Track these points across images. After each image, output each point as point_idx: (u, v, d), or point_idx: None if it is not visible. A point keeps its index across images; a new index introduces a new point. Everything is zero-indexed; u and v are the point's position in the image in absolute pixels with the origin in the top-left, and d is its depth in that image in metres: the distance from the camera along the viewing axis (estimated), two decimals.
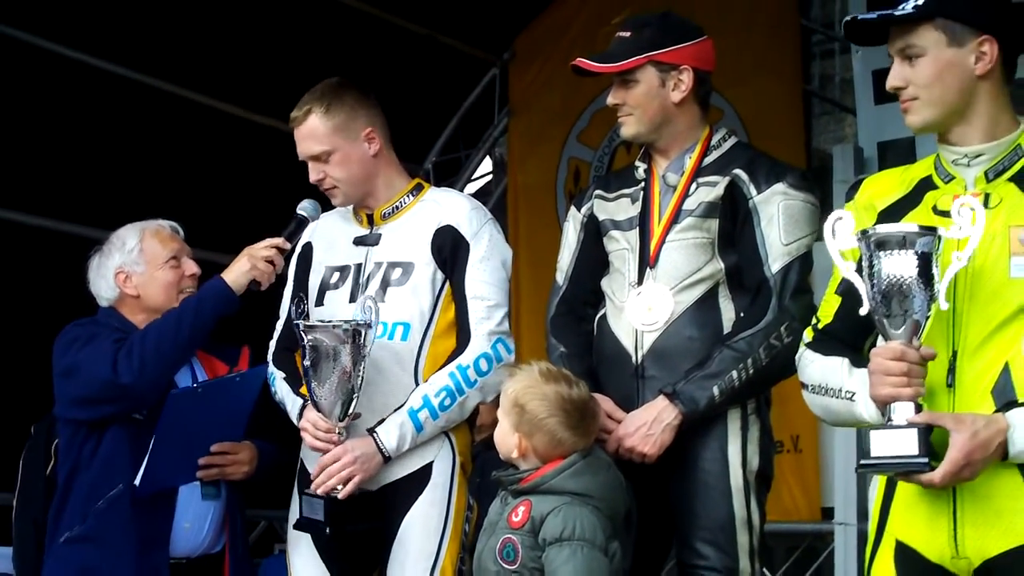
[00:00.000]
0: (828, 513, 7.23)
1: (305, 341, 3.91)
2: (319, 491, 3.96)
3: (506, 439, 3.70)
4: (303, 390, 4.14)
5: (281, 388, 4.22)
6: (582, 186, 8.21)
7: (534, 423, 3.65)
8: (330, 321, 3.95)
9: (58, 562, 4.24)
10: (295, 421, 4.14)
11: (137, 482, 4.11)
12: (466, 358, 4.03)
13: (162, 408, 4.12)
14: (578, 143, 8.52)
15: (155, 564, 4.17)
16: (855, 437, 6.60)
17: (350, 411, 3.93)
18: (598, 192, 4.17)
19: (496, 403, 3.89)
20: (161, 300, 4.37)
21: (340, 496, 3.94)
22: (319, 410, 3.97)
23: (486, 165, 9.49)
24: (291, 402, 4.17)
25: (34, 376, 4.79)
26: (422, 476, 4.06)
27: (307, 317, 4.03)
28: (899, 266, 2.87)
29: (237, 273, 4.18)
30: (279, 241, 4.21)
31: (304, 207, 4.26)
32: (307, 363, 3.92)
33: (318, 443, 3.99)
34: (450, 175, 8.81)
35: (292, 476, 4.21)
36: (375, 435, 3.98)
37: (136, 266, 4.39)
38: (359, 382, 3.91)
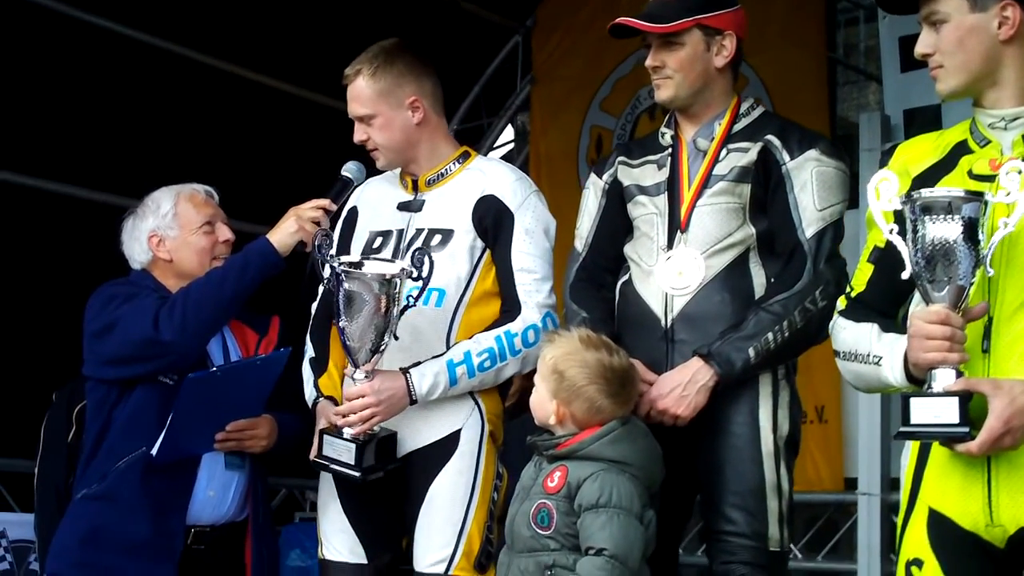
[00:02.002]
0: (851, 484, 7.20)
1: (340, 284, 3.87)
2: (344, 429, 3.93)
3: (543, 405, 3.66)
4: (321, 380, 4.17)
5: (305, 370, 4.24)
6: (604, 154, 8.15)
7: (573, 390, 3.61)
8: (362, 267, 3.89)
9: (72, 518, 4.21)
10: (309, 406, 4.17)
11: (154, 452, 4.08)
12: (516, 326, 4.03)
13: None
14: (600, 111, 8.48)
15: (170, 529, 4.14)
16: (880, 407, 6.60)
17: (379, 353, 3.90)
18: (621, 159, 4.14)
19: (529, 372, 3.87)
20: (194, 265, 4.34)
21: (355, 432, 3.91)
22: (347, 352, 3.94)
23: (508, 133, 9.46)
24: (308, 391, 4.20)
25: (55, 343, 4.79)
26: (450, 443, 4.04)
27: (329, 248, 3.97)
28: (944, 231, 2.84)
29: (283, 234, 4.15)
30: (325, 202, 4.19)
31: (349, 168, 4.25)
32: (340, 304, 3.88)
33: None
34: (472, 143, 8.74)
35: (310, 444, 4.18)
36: (408, 375, 3.97)
37: (170, 230, 4.35)
38: (390, 328, 3.87)
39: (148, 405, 4.15)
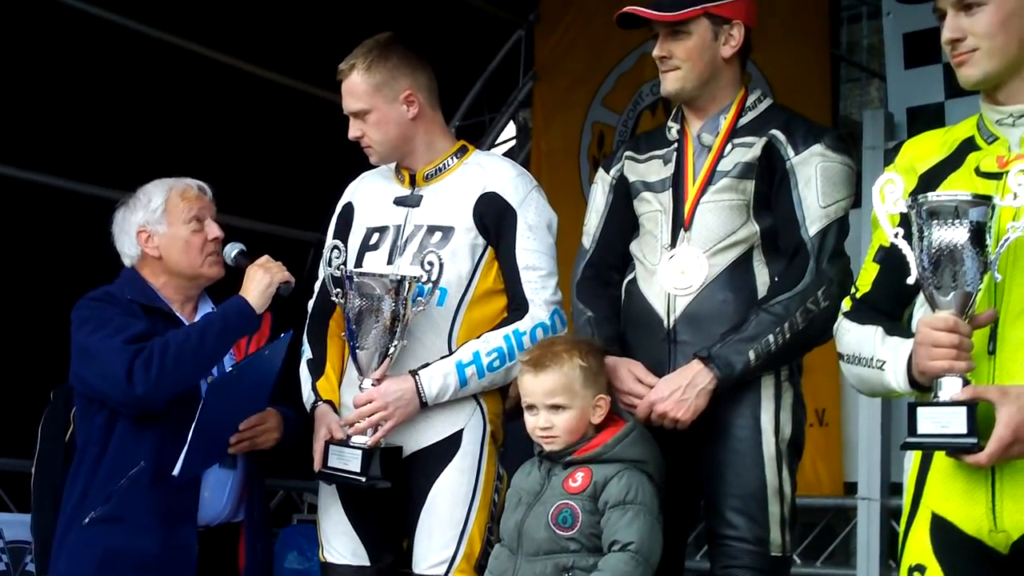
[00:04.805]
0: (850, 488, 7.15)
1: (351, 289, 3.90)
2: (352, 437, 3.93)
3: (583, 422, 3.67)
4: (319, 383, 4.15)
5: (303, 371, 4.22)
6: (606, 151, 8.14)
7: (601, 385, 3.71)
8: (374, 275, 3.93)
9: (82, 545, 4.14)
10: (308, 409, 4.15)
11: (176, 472, 4.03)
12: (525, 324, 4.01)
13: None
14: (603, 107, 8.44)
15: (182, 539, 4.12)
16: (880, 411, 6.55)
17: (389, 358, 3.93)
18: (628, 153, 4.10)
19: None
20: (183, 263, 4.31)
21: (369, 443, 3.92)
22: (356, 361, 3.96)
23: (510, 130, 9.42)
24: (306, 393, 4.18)
25: (53, 341, 4.74)
26: (452, 443, 4.03)
27: (344, 267, 4.02)
28: (951, 235, 2.80)
29: (258, 292, 4.17)
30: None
31: (230, 248, 4.35)
32: (350, 312, 3.91)
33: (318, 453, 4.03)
34: (473, 139, 8.71)
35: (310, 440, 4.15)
36: (417, 378, 3.96)
37: (159, 225, 4.31)
38: (400, 335, 3.90)
39: (138, 420, 4.11)
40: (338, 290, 3.99)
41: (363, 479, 3.91)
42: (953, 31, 3.01)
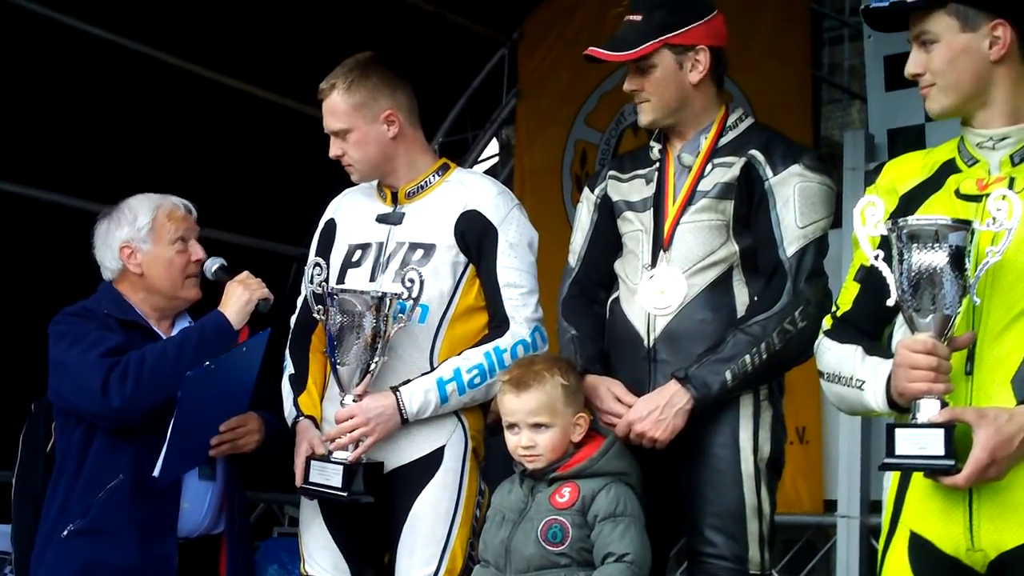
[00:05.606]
0: (830, 506, 7.18)
1: (332, 305, 3.91)
2: (333, 452, 3.95)
3: (564, 441, 3.69)
4: (301, 398, 4.16)
5: (284, 387, 4.22)
6: (589, 169, 8.18)
7: (579, 403, 3.74)
8: (356, 292, 3.94)
9: (61, 557, 4.16)
10: (289, 424, 4.16)
11: (157, 473, 4.05)
12: (505, 342, 4.02)
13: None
14: (585, 126, 8.47)
15: (162, 551, 4.13)
16: (860, 430, 6.57)
17: (370, 375, 3.94)
18: (612, 173, 4.12)
19: None
20: (164, 282, 4.32)
21: (351, 458, 3.93)
22: (337, 377, 3.98)
23: (493, 147, 9.44)
24: (288, 408, 4.19)
25: (34, 353, 4.74)
26: (433, 460, 4.03)
27: (326, 283, 4.03)
28: (930, 259, 2.82)
29: (236, 308, 4.21)
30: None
31: (211, 263, 4.39)
32: (332, 329, 3.92)
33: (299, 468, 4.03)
34: (456, 156, 8.74)
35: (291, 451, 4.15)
36: (398, 394, 3.97)
37: (144, 244, 4.32)
38: (381, 352, 3.91)
39: (116, 433, 4.13)
40: (319, 307, 4.00)
41: (345, 494, 3.92)
42: (914, 66, 3.07)
